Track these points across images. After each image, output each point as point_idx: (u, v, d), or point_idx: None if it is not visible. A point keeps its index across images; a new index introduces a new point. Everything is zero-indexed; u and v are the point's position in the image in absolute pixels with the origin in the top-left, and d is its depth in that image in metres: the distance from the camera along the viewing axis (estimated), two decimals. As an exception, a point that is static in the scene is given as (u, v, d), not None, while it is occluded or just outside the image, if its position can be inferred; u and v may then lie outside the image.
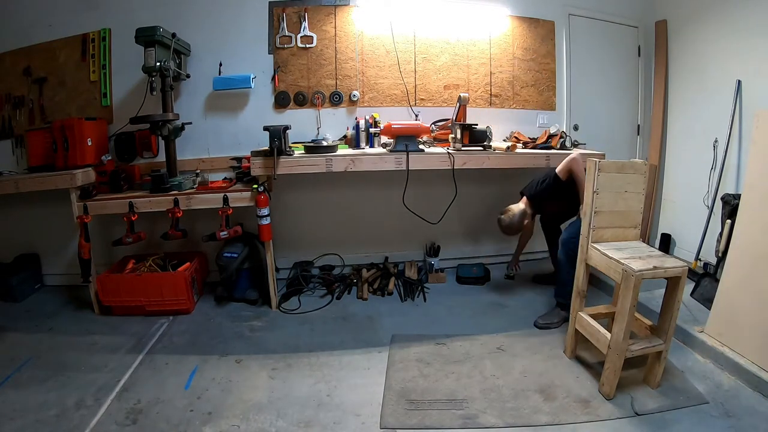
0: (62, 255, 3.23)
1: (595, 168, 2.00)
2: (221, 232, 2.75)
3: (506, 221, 2.70)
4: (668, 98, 3.54)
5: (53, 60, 3.03)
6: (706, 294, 2.58)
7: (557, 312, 2.62)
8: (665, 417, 1.80)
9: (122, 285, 2.75)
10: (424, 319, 2.71)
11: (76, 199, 2.67)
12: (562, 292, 2.59)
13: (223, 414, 1.86)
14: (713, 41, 3.08)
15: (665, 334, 1.93)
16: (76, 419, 1.82)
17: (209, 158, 3.20)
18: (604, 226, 2.08)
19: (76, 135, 2.74)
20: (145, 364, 2.26)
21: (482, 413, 1.84)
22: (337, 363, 2.24)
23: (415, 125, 2.91)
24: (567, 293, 2.46)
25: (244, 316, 2.76)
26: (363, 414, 1.85)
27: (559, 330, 2.51)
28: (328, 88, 3.25)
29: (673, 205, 3.56)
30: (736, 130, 2.90)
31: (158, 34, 2.55)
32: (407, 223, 3.29)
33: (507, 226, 2.72)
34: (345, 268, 3.44)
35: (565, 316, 2.53)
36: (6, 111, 3.08)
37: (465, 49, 3.38)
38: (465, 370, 2.15)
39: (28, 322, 2.72)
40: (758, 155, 2.15)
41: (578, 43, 3.55)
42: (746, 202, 2.18)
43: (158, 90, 2.68)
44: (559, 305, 2.63)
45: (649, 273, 1.80)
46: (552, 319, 2.60)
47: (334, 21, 3.20)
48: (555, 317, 2.61)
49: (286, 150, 2.65)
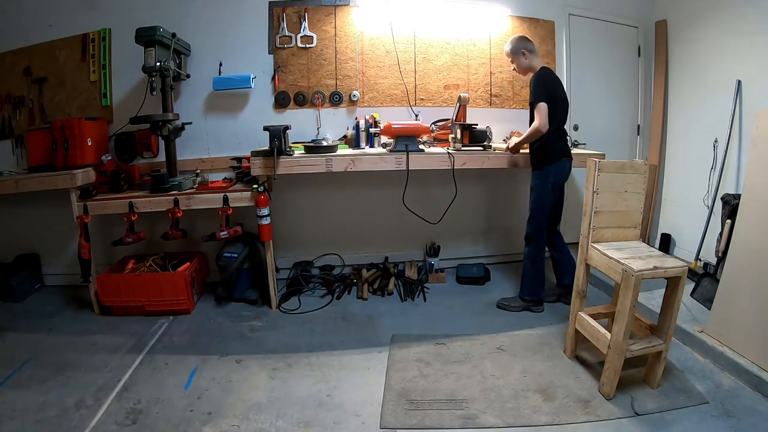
0: (62, 255, 3.23)
1: (595, 168, 2.00)
2: (221, 232, 2.75)
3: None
4: (668, 98, 3.54)
5: (53, 60, 3.03)
6: (706, 294, 2.58)
7: (517, 299, 2.81)
8: (665, 417, 1.80)
9: (122, 285, 2.75)
10: (424, 319, 2.72)
11: (76, 199, 2.67)
12: (521, 287, 2.81)
13: (223, 414, 1.86)
14: (713, 41, 3.08)
15: (665, 334, 1.93)
16: (76, 419, 1.82)
17: (209, 158, 3.20)
18: (604, 226, 2.08)
19: (76, 135, 2.74)
20: (145, 364, 2.26)
21: (482, 413, 1.84)
22: (337, 363, 2.24)
23: (415, 125, 2.91)
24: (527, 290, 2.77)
25: (244, 316, 2.77)
26: (363, 414, 1.85)
27: (559, 330, 2.50)
28: (328, 88, 3.25)
29: (673, 205, 3.56)
30: (736, 130, 2.90)
31: (158, 34, 2.55)
32: (407, 223, 3.29)
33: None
34: (345, 268, 3.44)
35: (526, 306, 2.77)
36: (6, 111, 3.08)
37: (465, 49, 3.38)
38: (465, 370, 2.15)
39: (28, 322, 2.73)
40: (758, 155, 2.15)
41: (578, 43, 3.55)
42: (746, 202, 2.18)
43: (158, 90, 2.68)
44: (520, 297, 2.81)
45: (649, 273, 1.80)
46: (513, 303, 2.80)
47: (334, 21, 3.20)
48: (515, 302, 2.80)
49: (286, 150, 2.65)
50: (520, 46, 2.64)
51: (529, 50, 2.64)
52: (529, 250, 2.72)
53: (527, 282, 2.76)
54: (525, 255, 2.75)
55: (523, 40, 2.67)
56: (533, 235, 2.69)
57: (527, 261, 2.74)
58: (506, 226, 3.59)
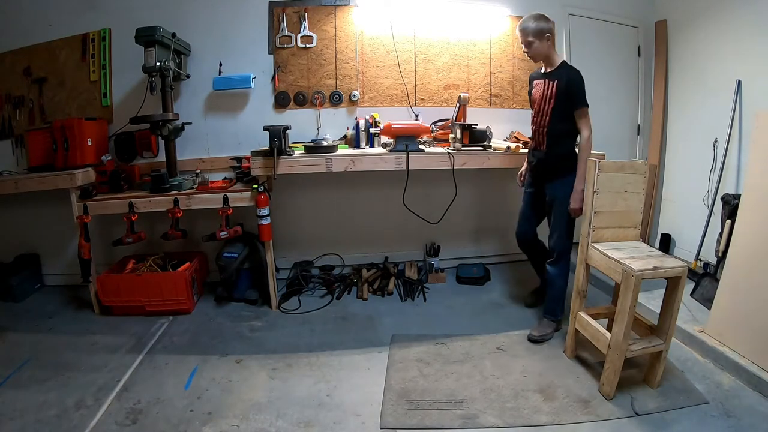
0: (62, 255, 3.23)
1: (595, 168, 2.00)
2: (221, 232, 2.75)
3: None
4: (668, 98, 3.54)
5: (53, 60, 3.03)
6: (706, 294, 2.57)
7: (548, 323, 2.49)
8: (665, 417, 1.80)
9: (122, 285, 2.75)
10: (424, 319, 2.71)
11: (76, 199, 2.67)
12: (553, 309, 2.49)
13: (223, 414, 1.86)
14: (713, 41, 3.08)
15: (665, 334, 1.93)
16: (76, 419, 1.82)
17: (209, 158, 3.20)
18: (604, 226, 2.08)
19: (76, 135, 2.74)
20: (145, 364, 2.26)
21: (482, 413, 1.84)
22: (337, 363, 2.24)
23: (415, 125, 2.91)
24: (558, 309, 2.49)
25: (244, 316, 2.77)
26: (363, 414, 1.85)
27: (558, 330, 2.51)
28: (328, 88, 3.25)
29: (673, 205, 3.56)
30: (736, 130, 2.90)
31: (158, 34, 2.55)
32: (407, 223, 3.29)
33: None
34: (345, 268, 3.44)
35: (557, 326, 2.49)
36: (6, 111, 3.08)
37: (465, 49, 3.38)
38: (465, 370, 2.15)
39: (28, 322, 2.72)
40: (758, 155, 2.15)
41: (578, 43, 3.55)
42: (746, 202, 2.18)
43: (158, 90, 2.68)
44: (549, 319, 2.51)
45: (649, 273, 1.80)
46: (546, 330, 2.46)
47: (334, 21, 3.20)
48: (548, 327, 2.47)
49: (286, 150, 2.65)
50: (547, 28, 2.25)
51: (553, 35, 2.29)
52: (560, 268, 2.42)
53: (559, 301, 2.48)
54: (555, 274, 2.44)
55: (549, 20, 2.28)
56: (565, 252, 2.41)
57: (559, 280, 2.44)
58: (506, 226, 3.57)
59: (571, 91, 2.23)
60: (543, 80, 2.35)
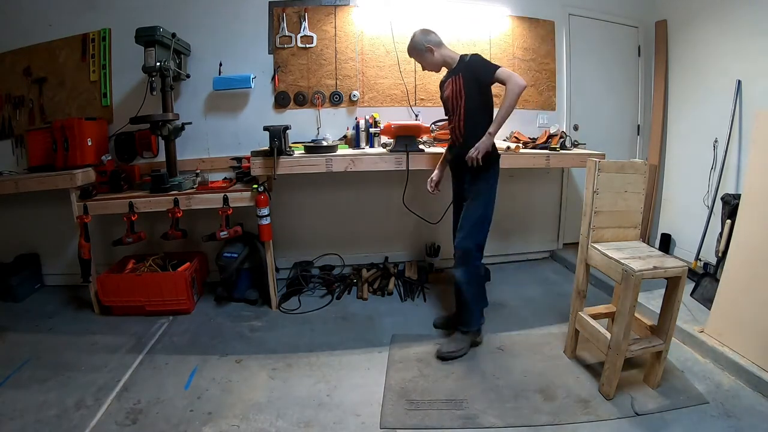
0: (62, 255, 3.23)
1: (595, 168, 2.00)
2: (221, 232, 2.75)
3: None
4: (668, 98, 3.54)
5: (53, 60, 3.03)
6: (706, 294, 2.58)
7: (461, 336, 2.29)
8: (665, 417, 1.80)
9: (122, 285, 2.75)
10: (424, 319, 2.71)
11: (76, 199, 2.67)
12: (467, 320, 2.29)
13: (223, 414, 1.86)
14: (713, 41, 3.08)
15: (665, 334, 1.93)
16: (76, 419, 1.82)
17: (209, 158, 3.20)
18: (603, 226, 2.08)
19: (76, 135, 2.74)
20: (145, 364, 2.26)
21: (482, 413, 1.84)
22: (337, 363, 2.24)
23: (415, 125, 2.91)
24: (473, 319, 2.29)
25: (244, 316, 2.76)
26: (363, 414, 1.85)
27: (559, 330, 2.50)
28: (328, 88, 3.25)
29: (673, 205, 3.56)
30: (736, 130, 2.90)
31: (158, 34, 2.55)
32: (407, 223, 3.29)
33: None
34: (345, 268, 3.44)
35: (473, 339, 2.32)
36: (6, 111, 3.08)
37: (465, 49, 3.36)
38: (465, 370, 2.15)
39: (28, 322, 2.72)
40: (758, 155, 2.15)
41: (578, 43, 3.55)
42: (746, 202, 2.18)
43: (158, 90, 2.68)
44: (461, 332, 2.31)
45: (649, 273, 1.80)
46: (458, 345, 2.25)
47: (334, 21, 3.20)
48: (461, 342, 2.27)
49: (286, 150, 2.65)
50: (420, 43, 2.30)
51: (433, 43, 2.30)
52: (467, 270, 2.24)
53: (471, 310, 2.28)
54: (463, 279, 2.24)
55: (427, 32, 2.32)
56: (470, 252, 2.23)
57: (471, 285, 2.25)
58: (506, 226, 3.58)
59: (475, 70, 2.20)
60: (450, 79, 2.31)
